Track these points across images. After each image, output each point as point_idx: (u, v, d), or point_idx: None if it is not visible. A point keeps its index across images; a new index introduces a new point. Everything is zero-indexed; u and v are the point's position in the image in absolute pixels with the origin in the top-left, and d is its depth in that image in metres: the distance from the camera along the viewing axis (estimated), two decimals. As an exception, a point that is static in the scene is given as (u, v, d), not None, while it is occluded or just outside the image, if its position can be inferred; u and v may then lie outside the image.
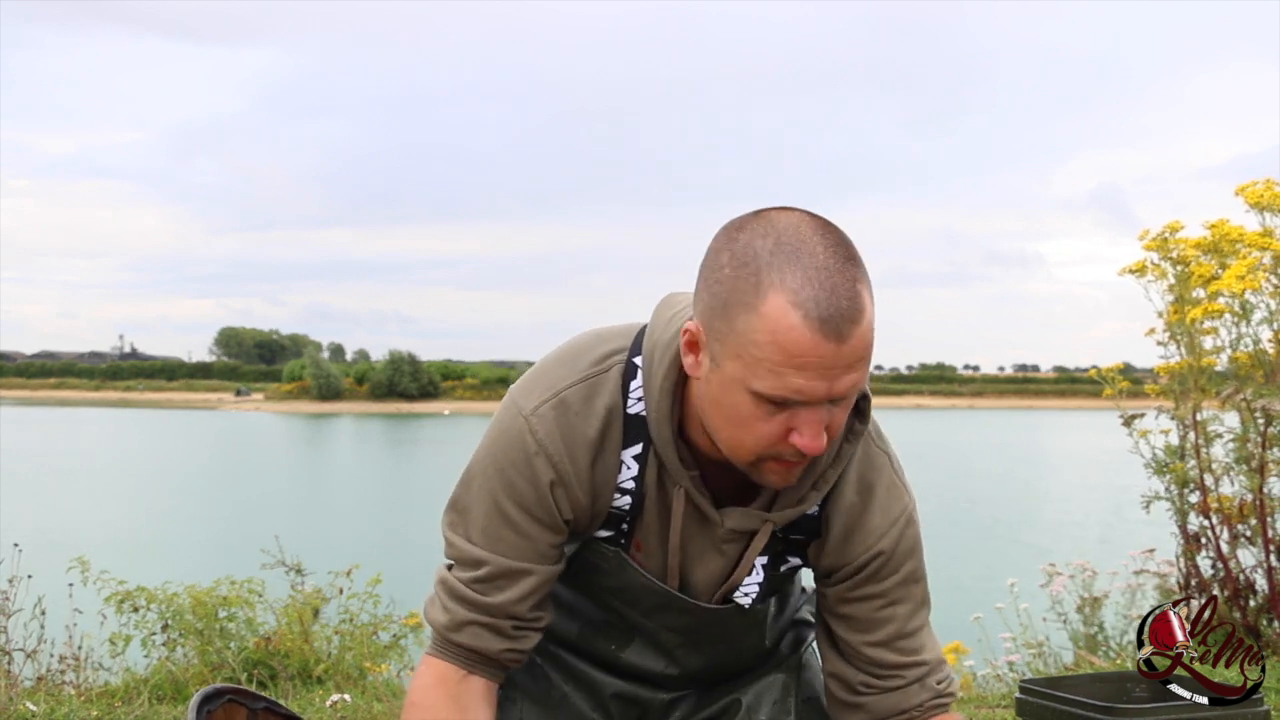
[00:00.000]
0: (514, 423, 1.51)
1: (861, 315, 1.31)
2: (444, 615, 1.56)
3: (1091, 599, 4.43)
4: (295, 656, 4.05)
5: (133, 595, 4.28)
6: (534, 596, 1.54)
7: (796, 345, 1.29)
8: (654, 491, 1.54)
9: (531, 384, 1.54)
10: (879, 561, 1.56)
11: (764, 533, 1.53)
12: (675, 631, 1.64)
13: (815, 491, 1.52)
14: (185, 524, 19.58)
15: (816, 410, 1.34)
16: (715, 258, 1.37)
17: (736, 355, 1.34)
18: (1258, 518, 3.72)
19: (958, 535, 17.36)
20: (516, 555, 1.52)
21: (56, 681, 3.81)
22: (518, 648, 1.57)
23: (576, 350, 1.56)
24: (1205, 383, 3.84)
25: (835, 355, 1.30)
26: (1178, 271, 3.92)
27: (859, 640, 1.59)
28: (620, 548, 1.57)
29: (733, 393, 1.36)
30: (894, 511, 1.57)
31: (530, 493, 1.50)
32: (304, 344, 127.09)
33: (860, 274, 1.33)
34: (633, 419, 1.52)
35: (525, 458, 1.50)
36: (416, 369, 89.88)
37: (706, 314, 1.37)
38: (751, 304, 1.31)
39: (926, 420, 67.71)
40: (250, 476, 30.91)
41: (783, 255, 1.31)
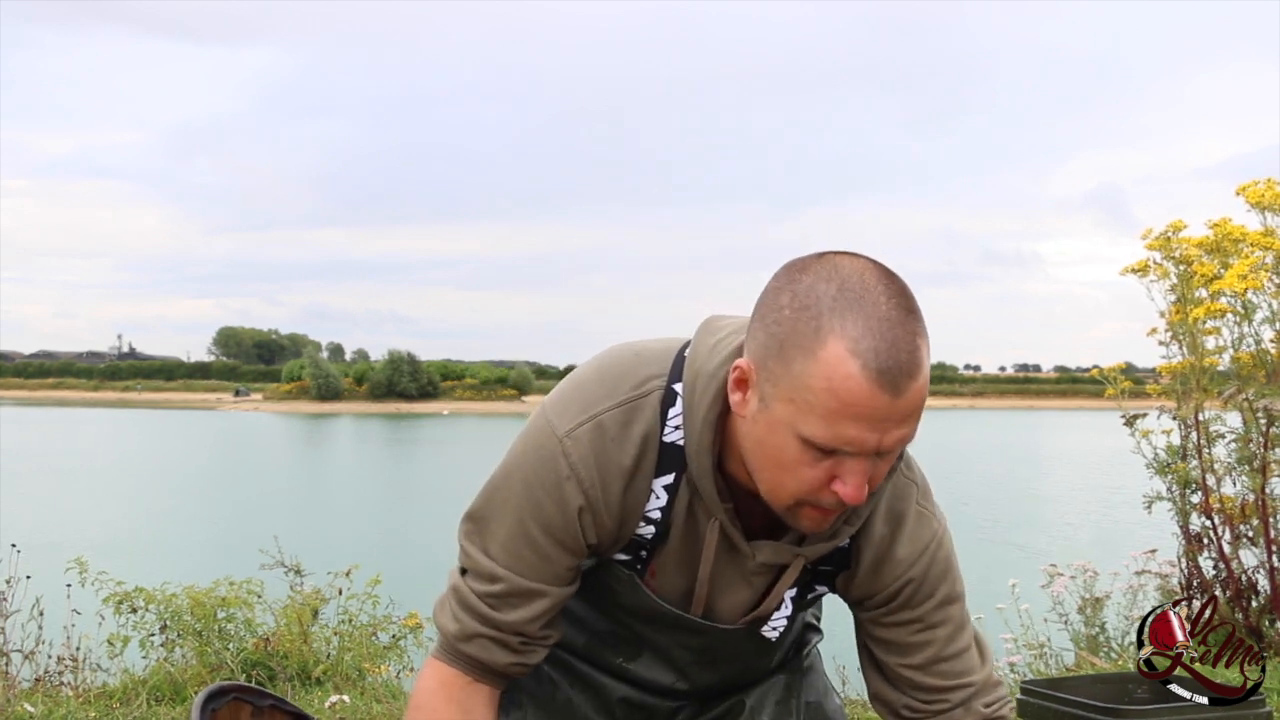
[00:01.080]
0: (547, 442, 1.48)
1: (919, 370, 1.30)
2: (454, 624, 1.54)
3: (1093, 600, 4.42)
4: (294, 657, 4.04)
5: (131, 596, 4.27)
6: (546, 616, 1.53)
7: (852, 395, 1.28)
8: (681, 521, 1.52)
9: (567, 402, 1.50)
10: (910, 589, 1.55)
11: (795, 567, 1.52)
12: (689, 649, 1.63)
13: (848, 526, 1.50)
14: (184, 524, 19.58)
15: (862, 461, 1.33)
16: (775, 297, 1.34)
17: (789, 399, 1.32)
18: (1260, 518, 3.71)
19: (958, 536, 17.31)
20: (534, 576, 1.50)
21: (54, 682, 3.80)
22: (524, 662, 1.56)
23: (616, 370, 1.53)
24: (1207, 383, 3.83)
25: (889, 408, 1.29)
26: (1180, 271, 3.91)
27: (896, 663, 1.58)
28: (636, 572, 1.56)
29: (780, 435, 1.34)
30: (923, 539, 1.56)
31: (557, 517, 1.48)
32: (303, 344, 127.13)
33: (920, 328, 1.32)
34: (668, 447, 1.49)
35: (556, 481, 1.47)
36: (416, 369, 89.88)
37: (761, 353, 1.35)
38: (810, 349, 1.29)
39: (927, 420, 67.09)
40: (249, 477, 30.90)
41: (845, 302, 1.29)
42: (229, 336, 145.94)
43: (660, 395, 1.50)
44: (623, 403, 1.49)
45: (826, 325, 1.29)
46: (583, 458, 1.47)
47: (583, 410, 1.49)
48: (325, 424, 67.08)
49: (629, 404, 1.49)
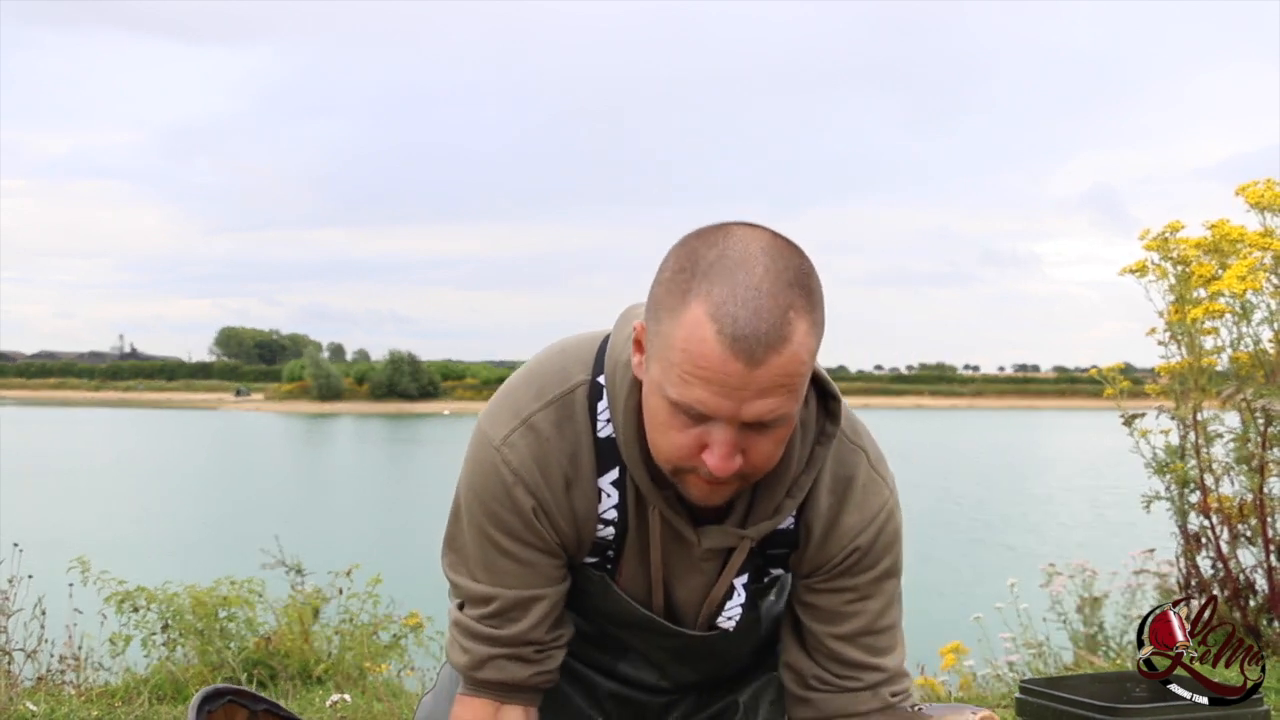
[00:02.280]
0: (487, 455, 1.50)
1: (784, 344, 1.27)
2: (464, 656, 1.55)
3: (1091, 599, 4.43)
4: (295, 656, 4.05)
5: (133, 595, 4.27)
6: (549, 619, 1.54)
7: (705, 359, 1.27)
8: (635, 517, 1.52)
9: (499, 411, 1.52)
10: (855, 556, 1.54)
11: (741, 549, 1.51)
12: (664, 651, 1.64)
13: (790, 500, 1.49)
14: (186, 524, 19.58)
15: (729, 430, 1.31)
16: (665, 260, 1.36)
17: (658, 358, 1.33)
18: (1258, 518, 3.72)
19: (958, 535, 17.36)
20: (521, 584, 1.51)
21: (56, 681, 3.80)
22: (544, 669, 1.56)
23: (541, 372, 1.53)
24: (1206, 382, 3.83)
25: (745, 377, 1.26)
26: (1178, 271, 3.91)
27: (824, 631, 1.56)
28: (606, 573, 1.56)
29: (654, 396, 1.35)
30: (872, 508, 1.55)
31: (517, 523, 1.49)
32: (304, 344, 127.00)
33: (800, 302, 1.29)
34: (604, 443, 1.50)
35: (504, 489, 1.48)
36: (416, 369, 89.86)
37: (647, 314, 1.37)
38: (676, 310, 1.30)
39: (927, 420, 67.68)
40: (251, 476, 30.90)
41: (720, 267, 1.29)
42: (230, 336, 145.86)
43: (586, 391, 1.51)
44: (551, 402, 1.50)
45: (695, 288, 1.29)
46: (522, 462, 1.48)
47: (514, 416, 1.50)
48: (326, 424, 67.06)
49: (557, 403, 1.50)
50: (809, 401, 1.51)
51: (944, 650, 4.59)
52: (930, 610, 10.69)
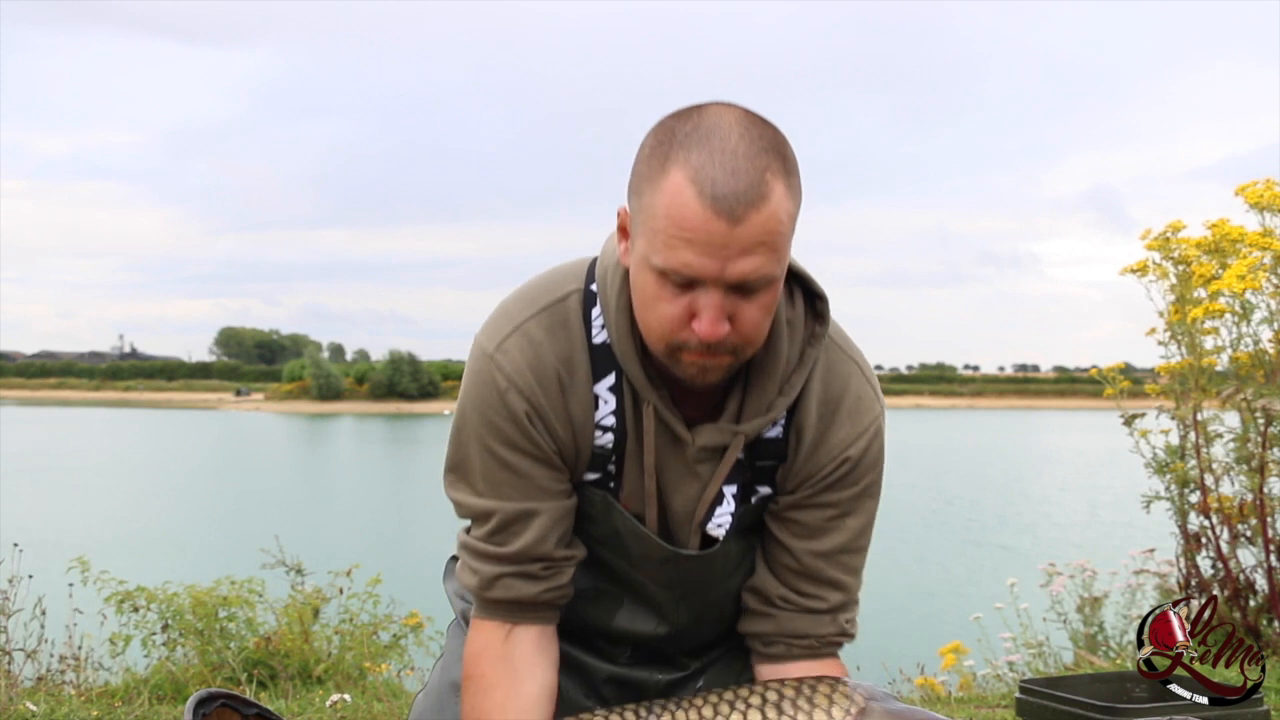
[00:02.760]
0: (482, 364, 1.52)
1: (763, 201, 1.31)
2: (474, 577, 1.56)
3: (1091, 599, 4.43)
4: (295, 656, 4.05)
5: (133, 595, 4.28)
6: (553, 534, 1.54)
7: (686, 220, 1.31)
8: (634, 423, 1.53)
9: (492, 324, 1.54)
10: (845, 468, 1.55)
11: (735, 446, 1.52)
12: (662, 585, 1.62)
13: (782, 398, 1.51)
14: (186, 524, 19.56)
15: (715, 294, 1.35)
16: (643, 142, 1.40)
17: (643, 231, 1.37)
18: (1258, 517, 3.72)
19: (958, 536, 17.35)
20: (521, 496, 1.52)
21: (57, 681, 3.80)
22: (554, 585, 1.56)
23: (533, 286, 1.56)
24: (1206, 382, 3.83)
25: (727, 235, 1.31)
26: (1179, 271, 3.91)
27: (803, 548, 1.57)
28: (609, 491, 1.56)
29: (641, 271, 1.39)
30: (864, 421, 1.57)
31: (513, 431, 1.50)
32: (304, 344, 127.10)
33: (775, 165, 1.34)
34: (599, 349, 1.52)
35: (499, 396, 1.50)
36: (416, 369, 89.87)
37: (629, 194, 1.42)
38: (656, 180, 1.34)
39: (926, 420, 67.66)
40: (251, 476, 30.88)
41: (696, 137, 1.34)
42: (230, 336, 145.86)
43: (579, 298, 1.53)
44: (544, 309, 1.53)
45: (673, 157, 1.34)
46: (516, 367, 1.50)
47: (506, 324, 1.53)
48: (326, 424, 67.04)
49: (550, 309, 1.52)
50: (795, 301, 1.54)
51: (944, 650, 4.59)
52: (930, 610, 10.70)
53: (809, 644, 1.60)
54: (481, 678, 1.55)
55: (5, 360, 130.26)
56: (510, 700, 1.53)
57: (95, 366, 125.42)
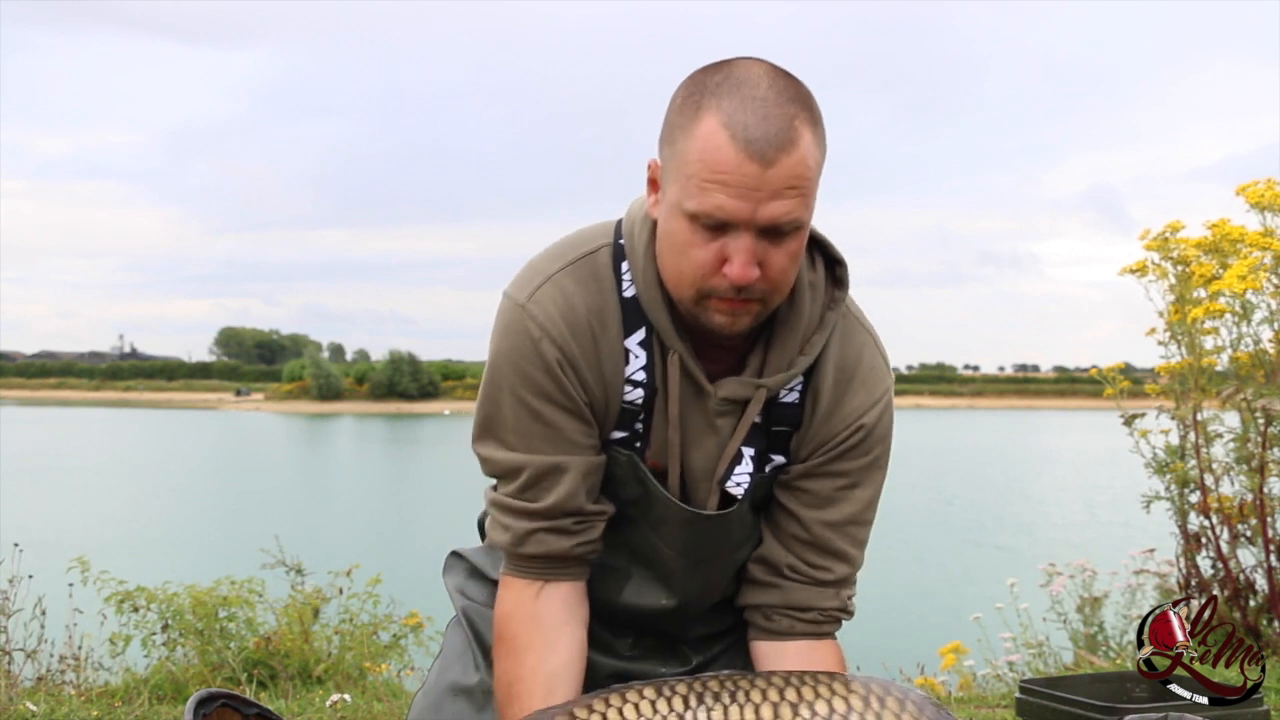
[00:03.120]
0: (513, 314, 1.53)
1: (793, 145, 1.36)
2: (505, 534, 1.56)
3: (1091, 599, 4.43)
4: (295, 656, 4.05)
5: (133, 595, 4.28)
6: (583, 488, 1.54)
7: (720, 162, 1.35)
8: (663, 378, 1.55)
9: (522, 277, 1.56)
10: (859, 435, 1.58)
11: (757, 400, 1.54)
12: (677, 549, 1.62)
13: (803, 356, 1.54)
14: (186, 524, 19.56)
15: (746, 238, 1.38)
16: (674, 95, 1.44)
17: (674, 178, 1.40)
18: (1258, 517, 3.72)
19: (957, 536, 17.35)
20: (551, 449, 1.53)
21: (57, 681, 3.81)
22: (586, 539, 1.57)
23: (562, 243, 1.58)
24: (1206, 382, 3.83)
25: (759, 178, 1.35)
26: (1179, 271, 3.91)
27: (813, 517, 1.59)
28: (635, 451, 1.57)
29: (673, 218, 1.42)
30: (877, 391, 1.59)
31: (546, 380, 1.51)
32: (304, 344, 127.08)
33: (803, 114, 1.38)
34: (629, 303, 1.54)
35: (532, 345, 1.51)
36: (416, 369, 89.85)
37: (660, 144, 1.45)
38: (689, 127, 1.39)
39: (926, 420, 67.65)
40: (251, 476, 30.88)
41: (727, 87, 1.38)
42: (230, 336, 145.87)
43: (610, 252, 1.56)
44: (574, 261, 1.54)
45: (705, 104, 1.38)
46: (548, 316, 1.51)
47: (537, 276, 1.54)
48: (326, 424, 67.05)
49: (580, 262, 1.54)
50: (816, 265, 1.58)
51: (944, 650, 4.59)
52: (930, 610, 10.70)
53: (812, 617, 1.61)
54: (513, 639, 1.55)
55: (5, 360, 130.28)
56: (542, 664, 1.53)
57: (95, 366, 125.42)
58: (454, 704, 1.70)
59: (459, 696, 1.70)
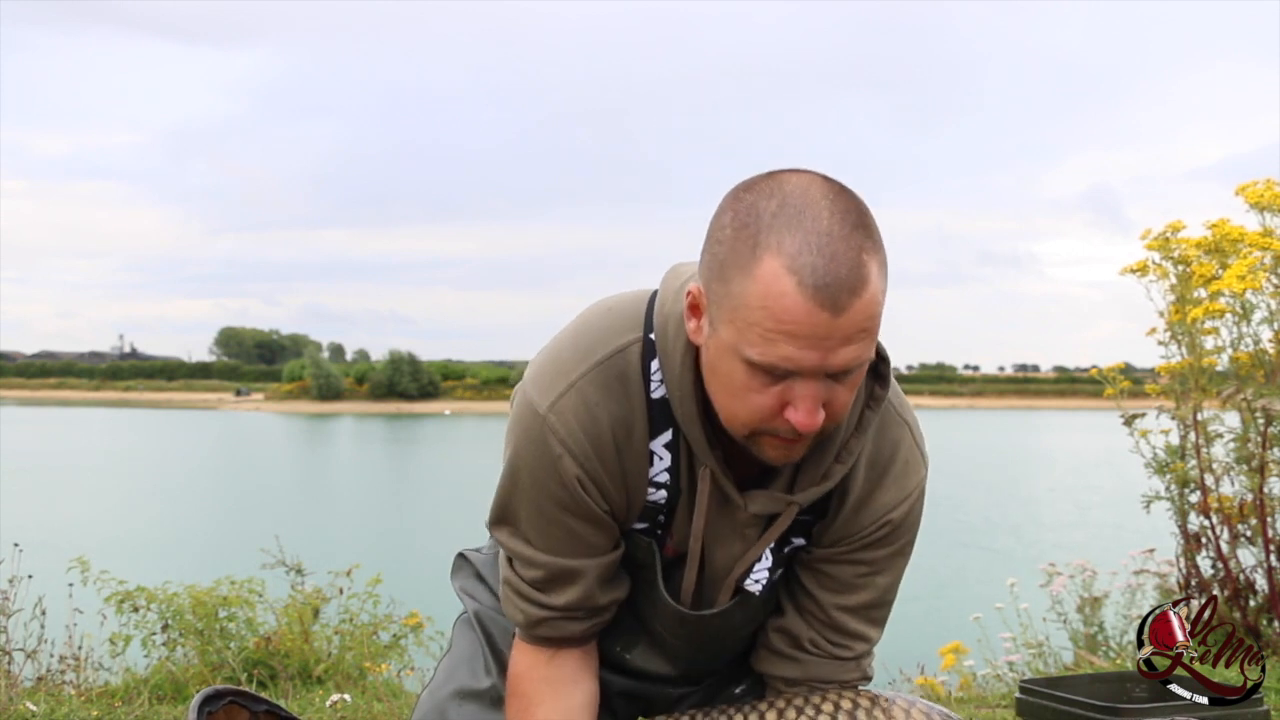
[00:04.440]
0: (534, 425, 1.45)
1: (864, 287, 1.25)
2: (519, 614, 1.56)
3: (1091, 599, 4.43)
4: (295, 656, 4.04)
5: (133, 595, 4.27)
6: (598, 586, 1.53)
7: (788, 313, 1.24)
8: (688, 480, 1.50)
9: (545, 378, 1.47)
10: (885, 530, 1.53)
11: (788, 515, 1.49)
12: (680, 639, 1.62)
13: (839, 465, 1.47)
14: (185, 524, 19.56)
15: (812, 384, 1.29)
16: (719, 218, 1.32)
17: (730, 320, 1.29)
18: (1258, 518, 3.72)
19: (957, 535, 17.35)
20: (570, 553, 1.50)
21: (56, 681, 3.80)
22: (599, 621, 1.57)
23: (589, 333, 1.49)
24: (1206, 382, 3.83)
25: (830, 326, 1.25)
26: (1179, 271, 3.91)
27: (831, 601, 1.56)
28: (655, 539, 1.54)
29: (727, 360, 1.32)
30: (909, 485, 1.54)
31: (564, 495, 1.46)
32: (304, 344, 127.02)
33: (868, 243, 1.27)
34: (658, 404, 1.46)
35: (551, 461, 1.44)
36: (416, 369, 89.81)
37: (706, 275, 1.33)
38: (747, 267, 1.26)
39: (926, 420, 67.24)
40: (251, 476, 30.87)
41: (784, 218, 1.26)
42: (230, 336, 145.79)
43: (639, 351, 1.46)
44: (600, 363, 1.45)
45: (764, 242, 1.25)
46: (570, 431, 1.43)
47: (560, 380, 1.45)
48: (326, 424, 67.03)
49: (606, 364, 1.45)
50: None
51: (944, 650, 4.59)
52: (930, 610, 10.69)
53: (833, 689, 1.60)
54: (526, 695, 1.56)
55: (5, 360, 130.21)
56: (555, 714, 1.54)
57: (95, 366, 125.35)
58: (462, 708, 1.68)
59: (467, 700, 1.69)
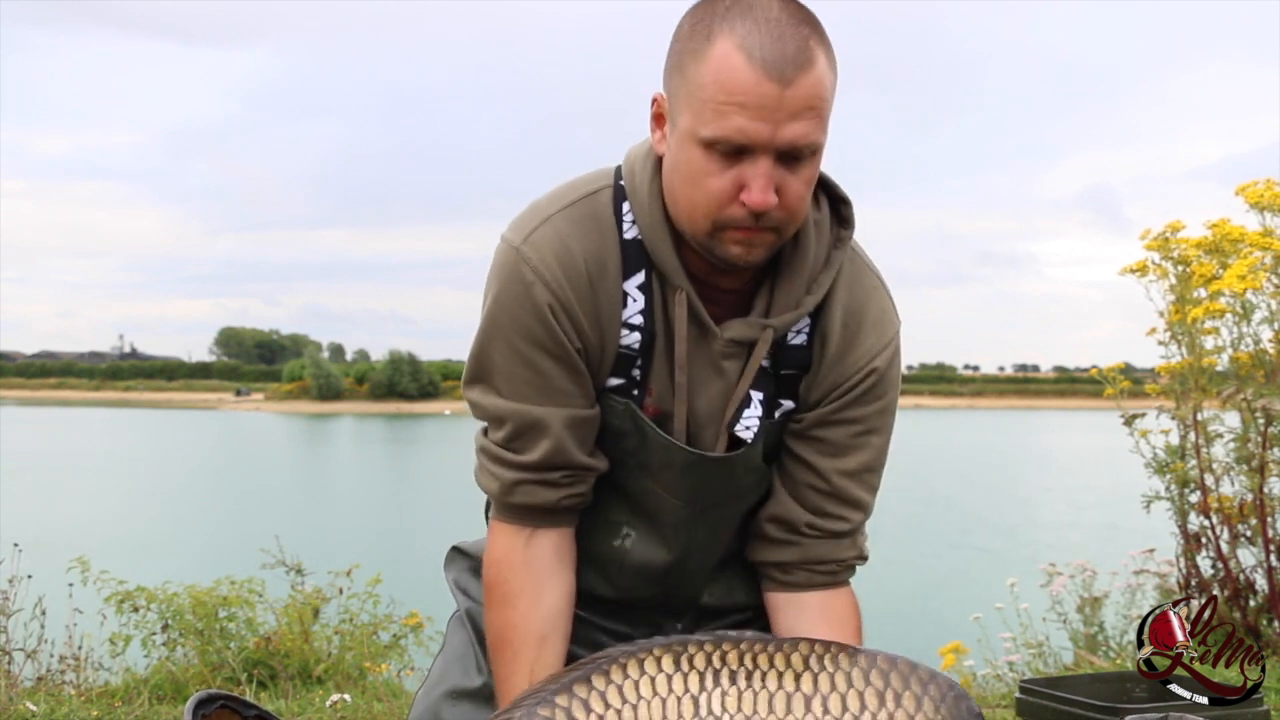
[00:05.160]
0: (508, 258, 1.50)
1: (810, 65, 1.34)
2: (493, 481, 1.55)
3: (1091, 599, 4.42)
4: (295, 656, 4.05)
5: (133, 595, 4.27)
6: (572, 442, 1.52)
7: (738, 84, 1.33)
8: (662, 322, 1.52)
9: (520, 219, 1.54)
10: (872, 379, 1.56)
11: (763, 341, 1.51)
12: (681, 496, 1.59)
13: (810, 296, 1.51)
14: (185, 524, 19.56)
15: (764, 163, 1.36)
16: (679, 25, 1.42)
17: (687, 106, 1.38)
18: (1258, 517, 3.72)
19: (957, 535, 17.35)
20: (540, 399, 1.50)
21: (56, 681, 3.80)
22: (574, 492, 1.55)
23: (562, 186, 1.56)
24: (1206, 382, 3.83)
25: (778, 99, 1.33)
26: (1179, 271, 3.91)
27: (831, 466, 1.57)
28: (632, 399, 1.54)
29: (685, 148, 1.39)
30: (887, 334, 1.58)
31: (536, 325, 1.48)
32: (304, 344, 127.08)
33: (815, 35, 1.37)
34: (629, 244, 1.51)
35: (524, 289, 1.48)
36: (416, 369, 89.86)
37: (666, 77, 1.43)
38: (701, 52, 1.36)
39: (926, 420, 67.65)
40: (251, 476, 30.87)
41: (737, 10, 1.36)
42: (230, 336, 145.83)
43: (610, 193, 1.53)
44: (573, 202, 1.52)
45: (717, 29, 1.36)
46: (543, 259, 1.48)
47: (534, 218, 1.52)
48: (326, 424, 67.03)
49: (580, 203, 1.52)
50: (821, 204, 1.55)
51: (944, 650, 4.58)
52: (930, 610, 10.69)
53: (830, 568, 1.61)
54: (504, 585, 1.55)
55: (5, 360, 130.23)
56: (534, 610, 1.53)
57: (95, 366, 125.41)
58: (455, 708, 1.68)
59: (461, 700, 1.68)
